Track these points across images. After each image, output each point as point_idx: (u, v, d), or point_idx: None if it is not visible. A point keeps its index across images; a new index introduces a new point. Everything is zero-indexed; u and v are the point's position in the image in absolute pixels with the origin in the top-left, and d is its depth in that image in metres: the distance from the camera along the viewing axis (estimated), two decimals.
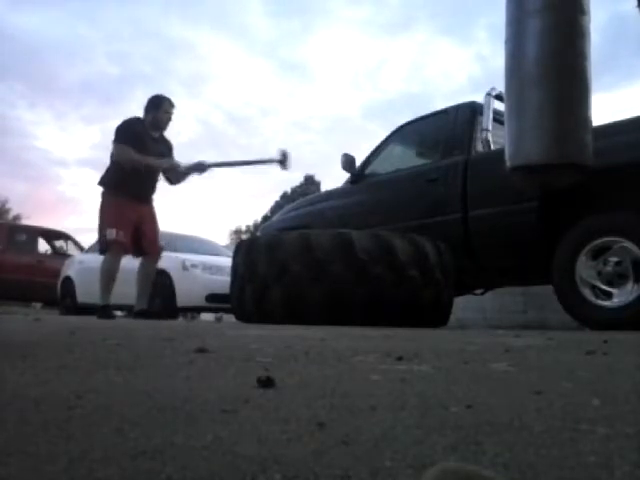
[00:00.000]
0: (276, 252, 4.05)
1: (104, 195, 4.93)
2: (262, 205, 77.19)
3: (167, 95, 5.09)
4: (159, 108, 4.96)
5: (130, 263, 5.17)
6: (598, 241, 3.70)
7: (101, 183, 4.94)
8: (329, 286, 3.84)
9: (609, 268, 3.66)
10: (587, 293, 3.72)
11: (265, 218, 31.67)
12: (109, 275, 4.86)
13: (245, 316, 4.27)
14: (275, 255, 4.04)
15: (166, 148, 5.10)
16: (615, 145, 3.70)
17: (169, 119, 5.05)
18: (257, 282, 4.10)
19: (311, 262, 3.90)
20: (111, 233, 4.76)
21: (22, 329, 3.08)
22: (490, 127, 4.55)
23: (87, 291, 8.51)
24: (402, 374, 1.35)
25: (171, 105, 5.04)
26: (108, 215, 4.84)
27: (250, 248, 4.31)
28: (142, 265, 5.07)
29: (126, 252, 4.95)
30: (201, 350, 1.77)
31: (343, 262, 3.86)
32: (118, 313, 9.64)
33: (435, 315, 4.16)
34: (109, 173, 4.90)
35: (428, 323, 3.97)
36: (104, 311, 4.90)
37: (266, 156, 5.27)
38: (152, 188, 5.09)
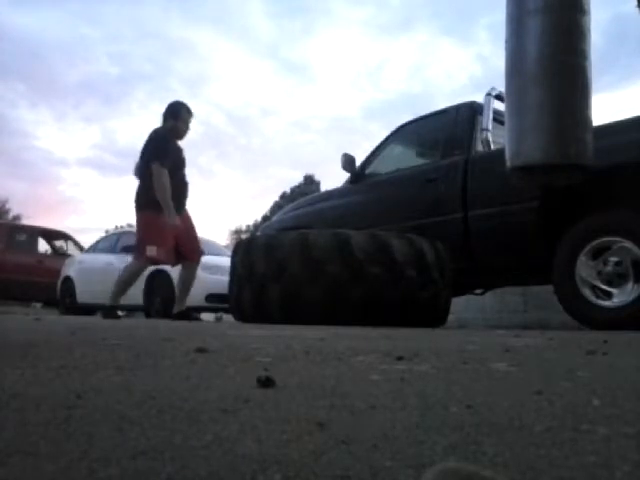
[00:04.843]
0: (274, 252, 4.05)
1: (145, 214, 4.82)
2: (262, 205, 77.22)
3: (184, 102, 4.96)
4: (178, 118, 4.83)
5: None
6: (598, 241, 3.71)
7: (141, 206, 4.82)
8: (327, 286, 3.84)
9: (609, 268, 3.66)
10: (587, 293, 3.72)
11: (265, 218, 31.67)
12: (130, 279, 4.88)
13: (243, 316, 4.27)
14: (273, 255, 4.04)
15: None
16: (615, 145, 3.70)
17: (187, 129, 4.91)
18: (255, 282, 4.11)
19: (309, 262, 3.90)
20: (151, 250, 4.75)
21: (22, 329, 3.08)
22: (490, 127, 4.55)
23: (87, 291, 8.52)
24: (402, 374, 1.35)
25: (189, 114, 4.91)
26: (150, 233, 4.80)
27: (248, 248, 4.31)
28: (182, 270, 5.09)
29: (156, 264, 5.06)
30: (201, 350, 1.77)
31: (341, 262, 3.86)
32: (118, 313, 9.64)
33: (433, 315, 4.16)
34: (147, 192, 4.73)
35: (426, 323, 3.97)
36: (110, 311, 4.90)
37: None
38: (186, 197, 5.06)
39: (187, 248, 4.96)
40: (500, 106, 4.45)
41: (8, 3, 49.17)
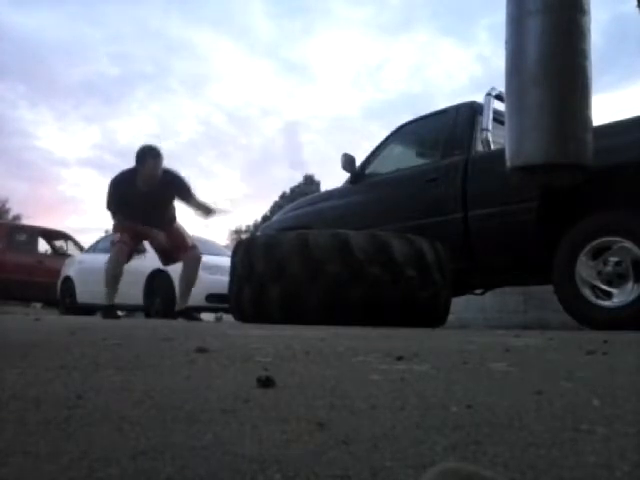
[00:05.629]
0: (274, 252, 4.05)
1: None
2: (262, 205, 77.22)
3: (153, 145, 4.90)
4: (143, 164, 4.78)
5: (129, 264, 5.17)
6: (598, 241, 3.70)
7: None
8: (326, 286, 3.84)
9: (609, 268, 3.66)
10: (587, 293, 3.72)
11: (265, 218, 31.68)
12: (112, 274, 4.90)
13: (243, 316, 4.27)
14: (273, 255, 4.04)
15: (168, 190, 4.95)
16: (615, 145, 3.70)
17: (154, 175, 4.80)
18: (255, 282, 4.11)
19: (309, 262, 3.90)
20: (116, 236, 4.92)
21: (22, 329, 3.08)
22: (490, 127, 4.55)
23: (87, 291, 8.51)
24: (402, 374, 1.35)
25: (154, 158, 4.79)
26: (117, 226, 5.00)
27: (248, 248, 4.31)
28: (183, 268, 5.13)
29: (129, 253, 5.01)
30: (201, 350, 1.77)
31: (340, 262, 3.86)
32: (118, 313, 9.64)
33: (432, 315, 4.16)
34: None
35: (426, 323, 3.97)
36: (109, 311, 4.91)
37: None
38: (162, 219, 5.03)
39: (176, 246, 5.01)
40: (500, 106, 4.44)
41: (8, 3, 49.20)
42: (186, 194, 4.99)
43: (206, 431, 0.80)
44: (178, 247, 5.03)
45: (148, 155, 4.78)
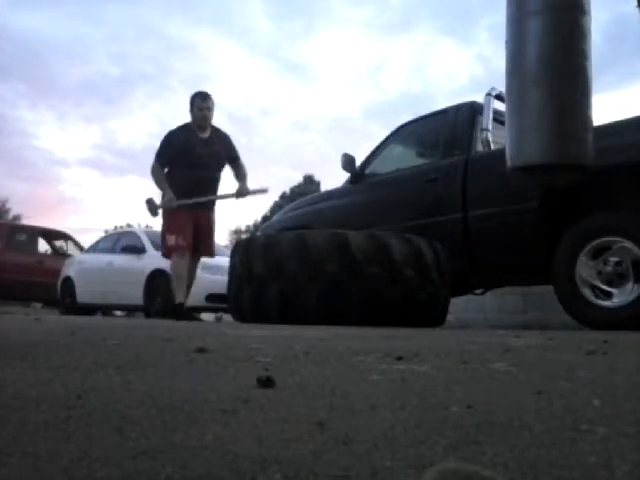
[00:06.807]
0: (273, 252, 4.05)
1: (165, 210, 5.04)
2: (262, 205, 77.20)
3: (203, 90, 5.10)
4: (192, 107, 4.97)
5: (129, 264, 5.18)
6: (598, 241, 3.70)
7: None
8: (325, 286, 3.84)
9: (609, 268, 3.66)
10: (587, 293, 3.72)
11: (265, 218, 31.66)
12: (178, 275, 4.98)
13: (242, 316, 4.27)
14: (272, 255, 4.04)
15: (221, 146, 5.05)
16: (615, 145, 3.70)
17: (204, 115, 4.97)
18: (254, 282, 4.11)
19: (307, 262, 3.90)
20: (170, 239, 4.96)
21: (22, 329, 3.08)
22: (490, 127, 4.55)
23: (87, 291, 8.52)
24: (402, 374, 1.35)
25: (203, 99, 4.98)
26: (167, 223, 5.04)
27: (247, 248, 4.32)
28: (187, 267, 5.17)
29: (189, 251, 5.06)
30: (201, 350, 1.77)
31: (339, 262, 3.86)
32: (118, 313, 9.65)
33: (431, 315, 4.16)
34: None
35: (424, 323, 3.97)
36: (177, 310, 4.96)
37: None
38: (203, 193, 5.05)
39: (200, 242, 5.06)
40: (500, 106, 4.44)
41: (8, 3, 49.15)
42: (235, 154, 5.16)
43: (206, 431, 0.80)
44: (204, 245, 5.09)
45: (197, 96, 5.00)
